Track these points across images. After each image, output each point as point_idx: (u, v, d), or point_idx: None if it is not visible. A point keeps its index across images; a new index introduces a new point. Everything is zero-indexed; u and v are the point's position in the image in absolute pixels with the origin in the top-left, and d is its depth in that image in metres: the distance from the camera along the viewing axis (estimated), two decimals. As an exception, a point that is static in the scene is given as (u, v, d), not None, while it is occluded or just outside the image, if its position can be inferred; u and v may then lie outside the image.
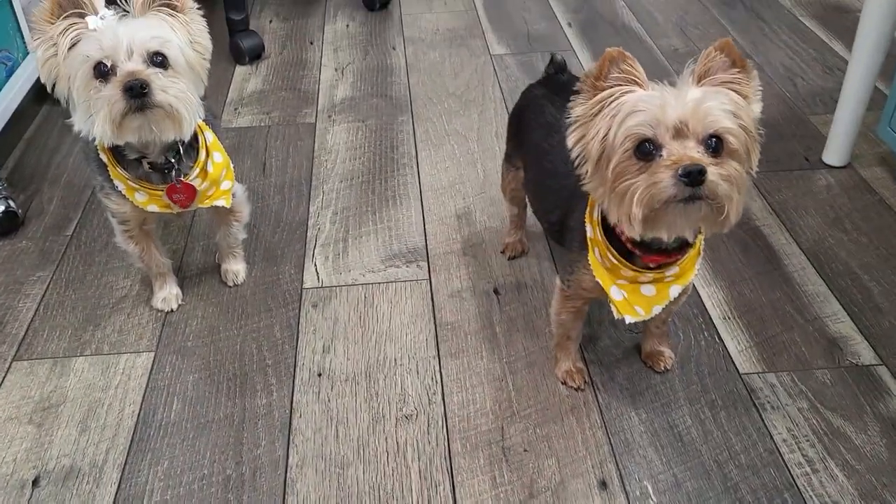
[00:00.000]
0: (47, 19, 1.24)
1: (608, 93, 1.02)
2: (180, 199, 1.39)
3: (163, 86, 1.22)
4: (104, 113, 1.21)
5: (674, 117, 0.96)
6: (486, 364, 1.43)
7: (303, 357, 1.46)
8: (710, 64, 1.02)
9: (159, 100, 1.22)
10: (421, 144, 2.08)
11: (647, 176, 0.97)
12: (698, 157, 0.96)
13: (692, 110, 0.96)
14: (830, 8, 2.77)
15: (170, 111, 1.24)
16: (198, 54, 1.32)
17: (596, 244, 1.15)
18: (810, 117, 2.14)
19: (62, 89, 1.26)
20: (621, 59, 1.01)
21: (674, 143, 0.96)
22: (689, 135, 0.97)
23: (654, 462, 1.25)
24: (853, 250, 1.67)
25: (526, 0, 2.92)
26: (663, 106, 0.97)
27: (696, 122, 0.96)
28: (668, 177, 0.95)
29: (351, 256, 1.70)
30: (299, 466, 1.26)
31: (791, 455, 1.25)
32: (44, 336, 1.51)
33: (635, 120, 0.98)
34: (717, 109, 0.97)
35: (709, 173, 0.94)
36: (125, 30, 1.22)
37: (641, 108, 0.98)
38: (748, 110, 1.02)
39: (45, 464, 1.28)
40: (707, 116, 0.96)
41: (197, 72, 1.32)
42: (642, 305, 1.16)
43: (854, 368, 1.40)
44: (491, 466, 1.25)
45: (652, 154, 0.97)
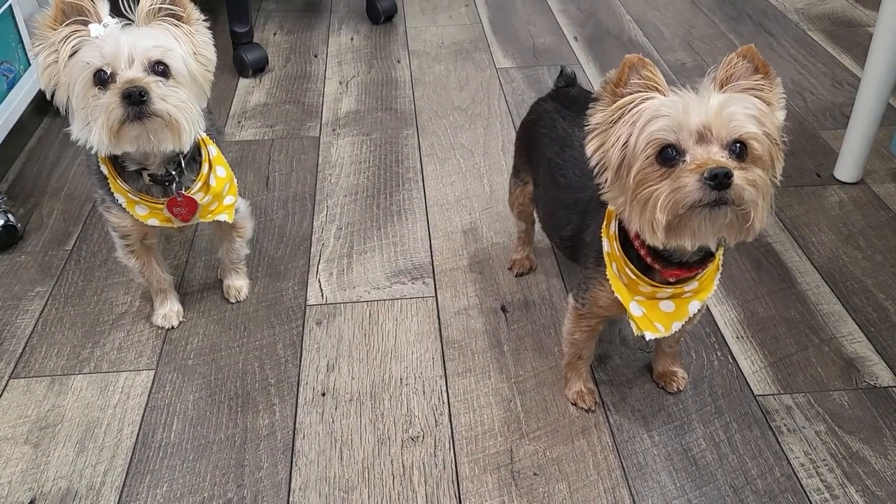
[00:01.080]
0: (50, 25, 1.22)
1: (628, 99, 1.00)
2: (181, 213, 1.36)
3: (162, 94, 1.20)
4: (102, 120, 1.19)
5: (697, 122, 0.94)
6: (494, 384, 1.40)
7: (306, 376, 1.42)
8: (732, 70, 0.99)
9: (158, 108, 1.19)
10: (426, 159, 2.05)
11: (670, 181, 0.95)
12: (724, 160, 0.93)
13: (715, 114, 0.94)
14: (839, 22, 2.76)
15: (169, 120, 1.21)
16: (201, 66, 1.30)
17: (613, 259, 1.12)
18: (820, 132, 2.12)
19: (61, 97, 1.24)
20: (641, 66, 0.99)
21: (697, 147, 0.94)
22: (713, 140, 0.94)
23: (668, 487, 1.21)
24: (868, 268, 1.63)
25: (532, 14, 2.91)
26: (686, 110, 0.95)
27: (719, 127, 0.94)
28: (694, 181, 0.92)
29: (355, 272, 1.67)
30: (302, 490, 1.23)
31: (809, 480, 1.22)
32: (42, 353, 1.48)
33: (657, 125, 0.95)
34: (741, 114, 0.95)
35: (735, 177, 0.92)
36: (127, 38, 1.20)
37: (663, 114, 0.96)
38: (772, 117, 1.00)
39: (41, 486, 1.24)
40: (731, 121, 0.94)
41: (199, 83, 1.30)
42: (662, 321, 1.13)
43: (872, 390, 1.36)
44: (500, 491, 1.22)
45: (675, 160, 0.95)
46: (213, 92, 2.33)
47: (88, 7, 1.21)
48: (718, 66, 1.00)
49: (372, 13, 2.85)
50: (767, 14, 2.85)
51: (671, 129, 0.95)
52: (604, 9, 2.94)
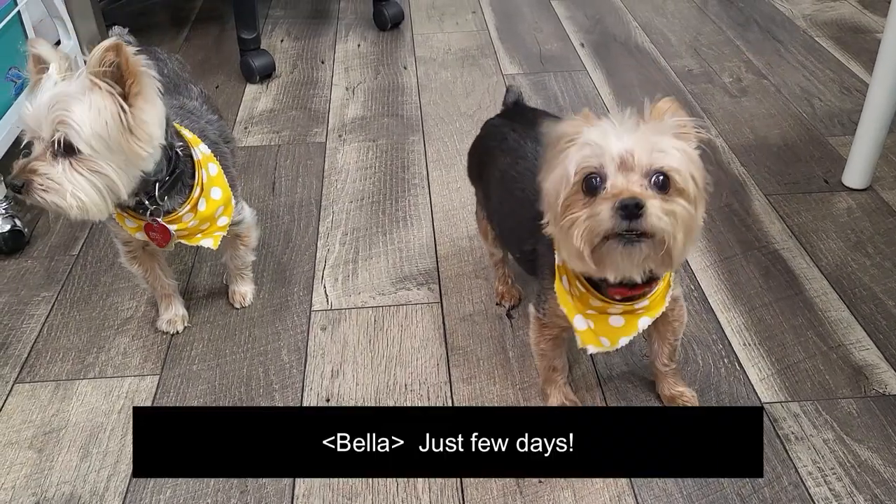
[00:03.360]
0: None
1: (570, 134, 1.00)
2: (156, 238, 1.35)
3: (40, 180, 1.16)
4: None
5: (619, 147, 0.94)
6: (499, 390, 1.39)
7: (311, 381, 1.42)
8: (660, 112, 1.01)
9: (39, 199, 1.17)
10: (432, 164, 2.05)
11: (588, 209, 0.95)
12: (639, 190, 0.93)
13: (639, 142, 0.94)
14: (847, 28, 2.75)
15: (52, 206, 1.18)
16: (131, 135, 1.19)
17: (564, 272, 1.12)
18: (828, 139, 2.10)
19: None
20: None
21: (618, 175, 0.94)
22: (635, 167, 0.94)
23: (675, 495, 1.20)
24: (877, 275, 1.62)
25: (538, 20, 2.91)
26: (608, 136, 0.95)
27: (641, 154, 0.94)
28: (607, 209, 0.93)
29: (361, 278, 1.66)
30: (306, 497, 1.22)
31: (817, 489, 1.21)
32: (47, 358, 1.48)
33: (582, 153, 0.96)
34: (666, 145, 0.95)
35: (648, 206, 0.92)
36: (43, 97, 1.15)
37: (589, 141, 0.96)
38: (696, 159, 0.99)
39: (44, 491, 1.24)
40: (654, 150, 0.94)
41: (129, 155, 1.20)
42: (608, 336, 1.13)
43: (881, 398, 1.35)
44: (505, 498, 1.21)
45: (597, 188, 0.95)
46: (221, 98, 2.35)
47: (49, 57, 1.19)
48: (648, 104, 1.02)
49: (379, 20, 2.86)
50: (775, 20, 2.85)
51: (595, 155, 0.95)
52: (610, 15, 2.93)
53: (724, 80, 2.44)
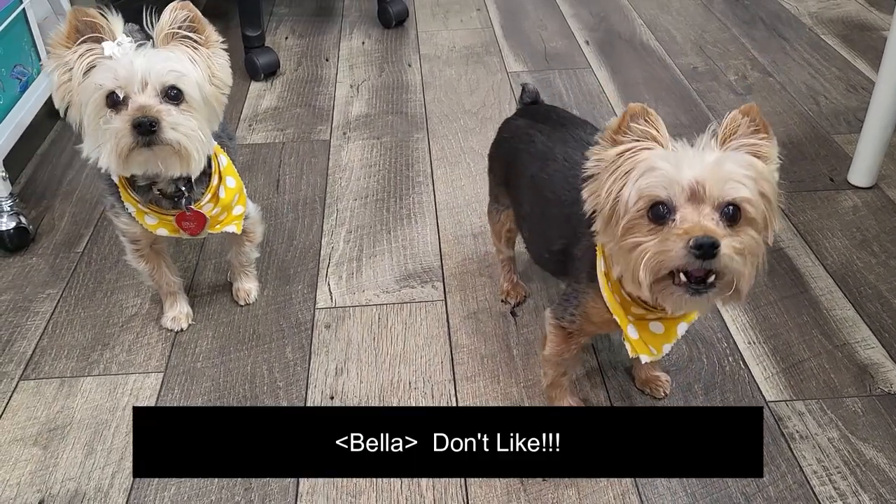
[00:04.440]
0: (64, 43, 1.21)
1: (625, 147, 0.97)
2: (190, 227, 1.36)
3: (173, 123, 1.19)
4: (111, 145, 1.19)
5: (690, 178, 0.91)
6: (503, 388, 1.39)
7: (315, 379, 1.42)
8: (734, 127, 0.96)
9: (168, 137, 1.19)
10: (436, 162, 2.05)
11: (657, 242, 0.92)
12: (712, 227, 0.90)
13: (711, 172, 0.91)
14: (853, 26, 2.74)
15: (178, 148, 1.21)
16: (216, 89, 1.29)
17: (609, 278, 1.10)
18: (834, 137, 2.10)
19: (74, 115, 1.24)
20: (643, 115, 0.96)
21: (688, 206, 0.91)
22: (706, 199, 0.91)
23: (679, 494, 1.20)
24: (882, 273, 1.62)
25: (543, 18, 2.90)
26: (679, 165, 0.92)
27: (713, 186, 0.91)
28: (680, 247, 0.89)
29: (365, 276, 1.66)
30: (310, 494, 1.22)
31: (822, 488, 1.20)
32: (52, 355, 1.49)
33: (649, 179, 0.93)
34: (738, 174, 0.92)
35: (722, 247, 0.89)
36: (142, 61, 1.19)
37: (657, 167, 0.93)
38: (770, 177, 0.96)
39: (49, 487, 1.24)
40: (726, 181, 0.91)
41: (213, 107, 1.29)
42: (654, 344, 1.12)
43: (886, 397, 1.35)
44: (509, 496, 1.21)
45: (664, 218, 0.92)
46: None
47: (102, 24, 1.20)
48: (721, 121, 0.97)
49: (383, 17, 2.86)
50: (781, 18, 2.84)
51: (663, 185, 0.92)
52: (615, 13, 2.93)
53: (730, 77, 2.43)
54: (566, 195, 1.19)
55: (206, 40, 1.28)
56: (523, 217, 1.37)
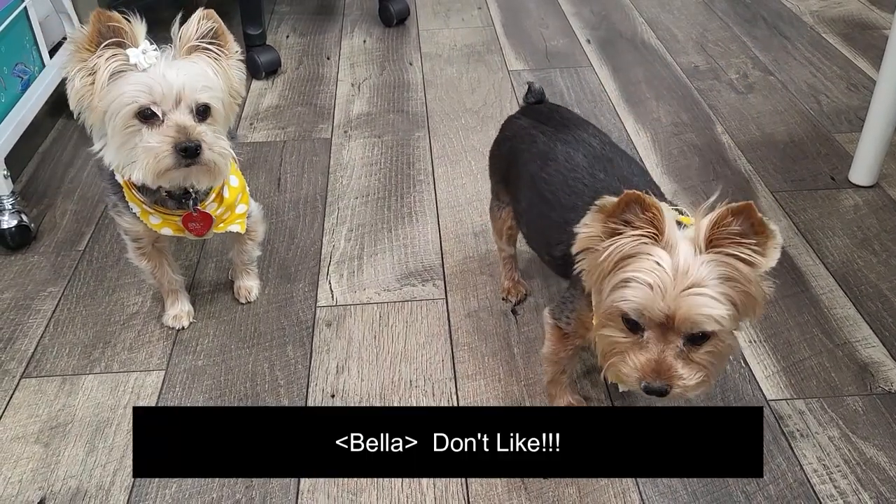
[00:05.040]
0: (87, 47, 1.19)
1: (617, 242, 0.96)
2: (196, 228, 1.37)
3: (211, 144, 1.21)
4: (148, 162, 1.19)
5: (661, 311, 0.93)
6: (504, 386, 1.39)
7: (316, 377, 1.42)
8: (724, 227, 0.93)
9: (207, 158, 1.21)
10: (438, 161, 2.05)
11: (621, 349, 0.99)
12: (669, 366, 0.96)
13: (683, 310, 0.92)
14: (854, 25, 2.73)
15: (213, 168, 1.23)
16: (232, 100, 1.30)
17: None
18: (835, 135, 2.10)
19: (93, 120, 1.23)
20: (640, 206, 0.94)
21: (656, 331, 0.96)
22: (674, 330, 0.95)
23: (679, 492, 1.20)
24: (883, 272, 1.62)
25: (544, 16, 2.90)
26: (655, 295, 0.93)
27: (682, 322, 0.94)
28: (635, 378, 0.98)
29: (366, 274, 1.66)
30: (311, 492, 1.22)
31: (822, 486, 1.20)
32: (53, 353, 1.49)
33: (626, 296, 0.95)
34: (711, 311, 0.92)
35: (673, 389, 0.97)
36: (175, 75, 1.19)
37: (635, 283, 0.94)
38: (754, 278, 0.95)
39: (51, 485, 1.25)
40: (695, 319, 0.93)
41: (228, 116, 1.30)
42: None
43: (887, 396, 1.35)
44: (510, 494, 1.21)
45: (636, 328, 0.97)
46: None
47: (126, 29, 1.19)
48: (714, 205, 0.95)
49: (384, 16, 2.86)
50: (782, 17, 2.84)
51: (636, 308, 0.95)
52: (617, 11, 2.93)
53: (731, 76, 2.43)
54: (565, 199, 1.19)
55: (227, 52, 1.28)
56: (521, 214, 1.37)
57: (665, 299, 0.93)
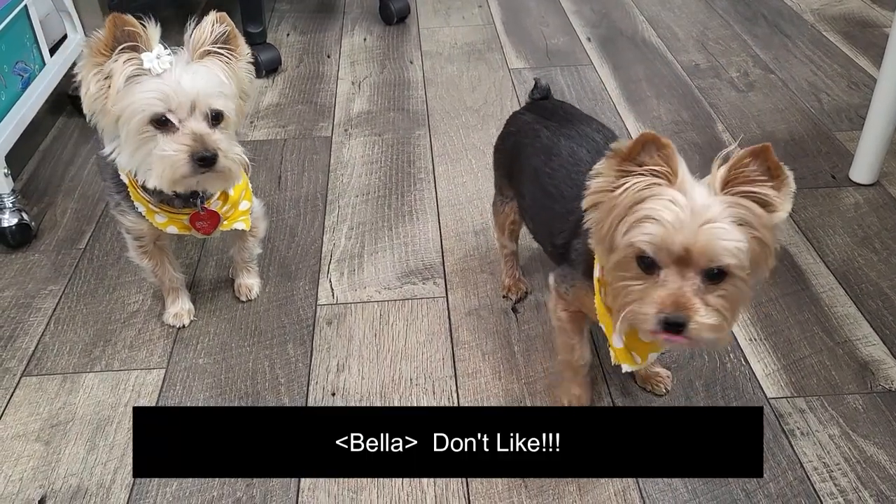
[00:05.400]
0: (102, 51, 1.19)
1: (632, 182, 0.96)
2: (204, 227, 1.37)
3: (226, 151, 1.21)
4: (164, 170, 1.19)
5: (679, 244, 0.92)
6: (505, 385, 1.39)
7: (316, 375, 1.42)
8: (741, 169, 0.94)
9: (222, 166, 1.22)
10: (438, 159, 2.05)
11: (638, 297, 0.96)
12: (688, 297, 0.93)
13: (701, 241, 0.91)
14: (855, 23, 2.73)
15: (227, 174, 1.24)
16: (241, 103, 1.30)
17: (603, 285, 1.10)
18: (836, 134, 2.10)
19: (104, 122, 1.23)
20: (657, 146, 0.96)
21: (672, 269, 0.94)
22: (691, 264, 0.93)
23: (680, 490, 1.20)
24: (884, 271, 1.62)
25: (545, 14, 2.90)
26: (672, 229, 0.92)
27: (700, 255, 0.92)
28: (653, 314, 0.94)
29: (366, 273, 1.66)
30: (311, 490, 1.22)
31: (823, 484, 1.20)
32: (54, 351, 1.49)
33: (642, 232, 0.94)
34: (728, 244, 0.92)
35: (691, 324, 0.93)
36: (188, 81, 1.19)
37: (651, 220, 0.93)
38: (770, 223, 0.95)
39: (51, 483, 1.25)
40: (715, 250, 0.92)
41: (238, 118, 1.30)
42: (640, 352, 1.12)
43: (887, 394, 1.35)
44: (510, 492, 1.21)
45: (651, 268, 0.95)
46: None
47: (141, 33, 1.19)
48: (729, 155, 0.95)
49: (385, 14, 2.86)
50: (783, 15, 2.83)
51: (653, 243, 0.93)
52: (617, 10, 2.93)
53: (732, 74, 2.43)
54: (568, 191, 1.20)
55: (238, 55, 1.28)
56: (526, 209, 1.38)
57: (683, 232, 0.92)
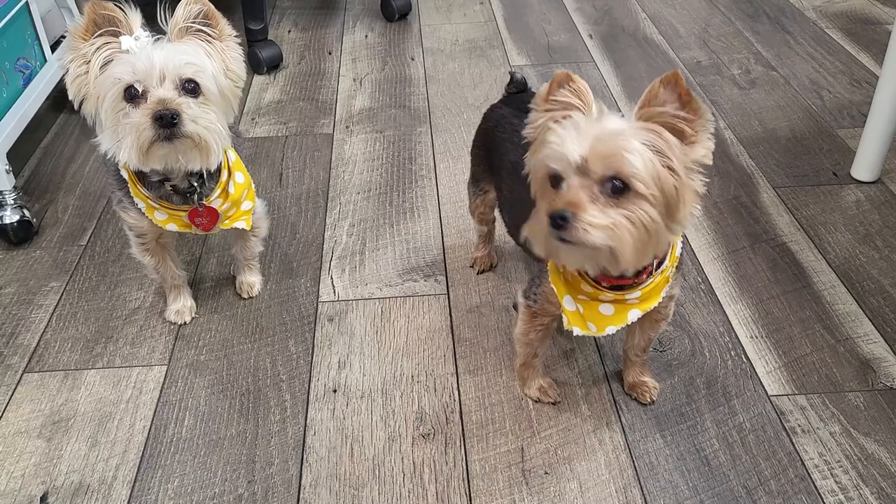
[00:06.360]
0: (82, 36, 1.21)
1: (545, 116, 1.02)
2: (202, 223, 1.37)
3: (193, 116, 1.20)
4: (131, 139, 1.19)
5: (575, 152, 0.94)
6: (506, 382, 1.40)
7: (318, 372, 1.43)
8: (653, 97, 0.95)
9: (189, 130, 1.19)
10: (439, 156, 2.05)
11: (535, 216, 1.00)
12: (577, 199, 0.94)
13: (596, 149, 0.93)
14: (857, 20, 2.73)
15: (198, 142, 1.22)
16: (230, 82, 1.30)
17: None
18: (838, 131, 2.09)
19: (90, 108, 1.24)
20: (568, 81, 1.01)
21: (573, 179, 0.96)
22: (589, 172, 0.94)
23: (681, 487, 1.20)
24: (885, 268, 1.62)
25: (546, 11, 2.90)
26: (569, 141, 0.95)
27: (595, 161, 0.93)
28: (544, 217, 0.96)
29: (368, 270, 1.67)
30: (313, 486, 1.23)
31: (823, 482, 1.21)
32: (55, 348, 1.49)
33: (547, 151, 0.98)
34: (623, 149, 0.92)
35: (576, 219, 0.93)
36: (159, 54, 1.19)
37: (556, 138, 0.97)
38: (681, 152, 0.95)
39: (53, 479, 1.25)
40: (610, 157, 0.92)
41: (228, 100, 1.30)
42: (596, 323, 1.12)
43: (888, 391, 1.35)
44: (510, 489, 1.21)
45: (559, 184, 0.98)
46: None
47: (121, 18, 1.21)
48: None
49: (386, 11, 2.85)
50: (785, 11, 2.83)
51: (555, 158, 0.97)
52: (619, 6, 2.92)
53: (733, 71, 2.43)
54: None
55: (219, 34, 1.28)
56: (504, 203, 1.40)
57: (580, 142, 0.94)
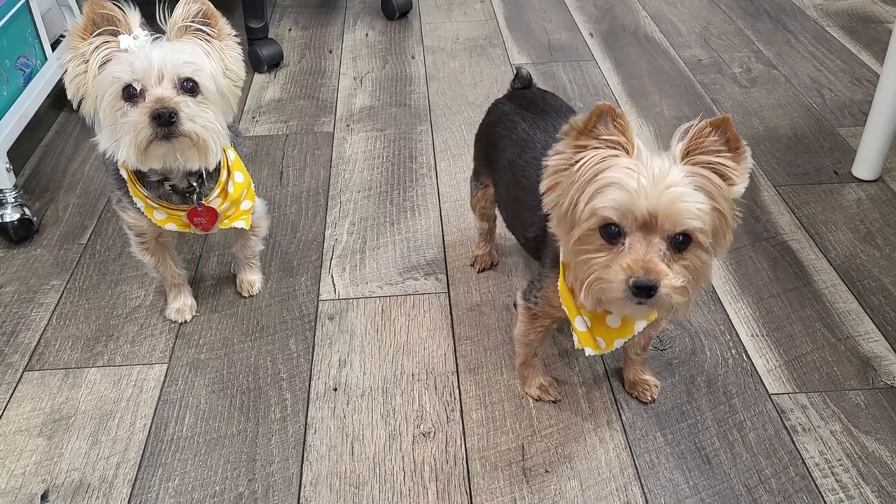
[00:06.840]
0: (80, 35, 1.21)
1: (589, 154, 0.96)
2: (201, 223, 1.36)
3: (191, 115, 1.20)
4: (130, 138, 1.19)
5: (644, 208, 0.91)
6: (506, 380, 1.40)
7: (318, 371, 1.42)
8: (701, 139, 0.94)
9: (187, 129, 1.19)
10: (440, 154, 2.04)
11: (602, 266, 0.94)
12: (655, 262, 0.91)
13: (665, 204, 0.91)
14: (858, 18, 2.72)
15: (196, 141, 1.22)
16: (229, 82, 1.30)
17: (566, 267, 1.10)
18: (838, 129, 2.09)
19: (89, 108, 1.24)
20: (612, 116, 0.95)
21: (638, 234, 0.93)
22: (657, 230, 0.92)
23: (681, 486, 1.20)
24: (886, 267, 1.61)
25: (547, 10, 2.90)
26: (636, 193, 0.91)
27: (665, 219, 0.92)
28: (620, 280, 0.92)
29: (368, 268, 1.66)
30: (313, 484, 1.23)
31: (824, 480, 1.20)
32: (56, 346, 1.49)
33: (605, 200, 0.93)
34: (692, 206, 0.91)
35: (661, 287, 0.91)
36: (158, 53, 1.19)
37: (615, 187, 0.92)
38: (728, 194, 0.96)
39: (54, 478, 1.25)
40: (680, 214, 0.91)
41: (227, 99, 1.30)
42: (605, 337, 1.12)
43: (889, 390, 1.35)
44: (511, 488, 1.21)
45: (615, 238, 0.94)
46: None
47: (119, 18, 1.21)
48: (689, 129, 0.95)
49: (387, 9, 2.85)
50: (785, 10, 2.83)
51: (617, 209, 0.92)
52: (620, 5, 2.92)
53: (734, 70, 2.42)
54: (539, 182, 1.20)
55: (218, 33, 1.28)
56: (500, 199, 1.40)
57: (647, 197, 0.91)
